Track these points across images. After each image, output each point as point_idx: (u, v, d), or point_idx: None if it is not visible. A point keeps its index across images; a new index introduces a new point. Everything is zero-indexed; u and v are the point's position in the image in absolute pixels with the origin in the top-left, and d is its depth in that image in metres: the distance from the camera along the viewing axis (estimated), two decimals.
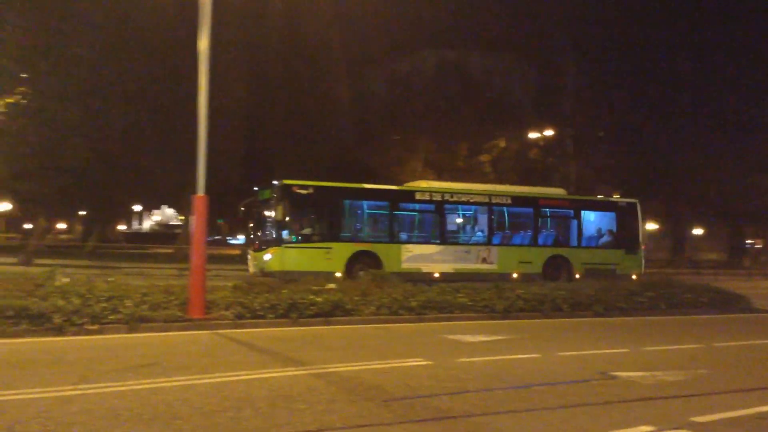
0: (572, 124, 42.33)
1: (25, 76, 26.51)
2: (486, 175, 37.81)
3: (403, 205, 20.64)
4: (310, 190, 19.25)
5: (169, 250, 39.24)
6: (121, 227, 73.36)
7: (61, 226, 58.69)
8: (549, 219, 22.21)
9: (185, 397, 5.98)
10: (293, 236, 18.60)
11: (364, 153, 38.27)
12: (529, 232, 21.63)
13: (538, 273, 20.46)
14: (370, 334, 10.57)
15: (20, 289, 10.90)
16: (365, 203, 20.49)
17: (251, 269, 19.80)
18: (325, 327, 11.09)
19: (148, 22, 28.00)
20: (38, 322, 9.42)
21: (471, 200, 21.08)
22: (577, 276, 20.64)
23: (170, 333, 10.03)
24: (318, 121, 36.32)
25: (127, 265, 25.34)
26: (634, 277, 20.88)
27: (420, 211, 21.01)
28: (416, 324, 11.76)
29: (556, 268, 20.86)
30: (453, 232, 21.40)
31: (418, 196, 20.54)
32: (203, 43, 10.76)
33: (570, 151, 42.73)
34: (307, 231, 19.09)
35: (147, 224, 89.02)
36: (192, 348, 8.92)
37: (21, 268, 22.47)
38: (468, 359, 8.23)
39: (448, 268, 19.75)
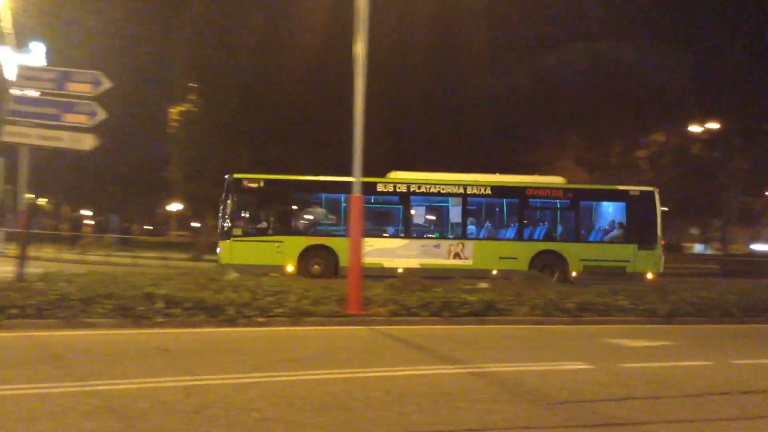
0: (740, 117, 39.27)
1: (194, 85, 28.71)
2: (643, 172, 35.99)
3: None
4: (261, 184, 19.13)
5: None
6: None
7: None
8: (538, 210, 20.21)
9: (350, 389, 6.22)
10: (242, 229, 18.64)
11: (511, 151, 37.72)
12: (513, 225, 19.94)
13: (524, 270, 18.39)
14: (524, 335, 10.43)
15: (196, 282, 11.84)
16: (320, 196, 19.86)
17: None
18: (478, 326, 11.06)
19: (300, 28, 29.29)
20: (213, 313, 10.14)
21: (442, 191, 19.60)
22: (574, 274, 18.99)
23: (330, 327, 10.42)
24: (464, 118, 36.22)
25: None
26: (649, 276, 18.93)
27: (382, 203, 19.91)
28: (572, 326, 11.43)
29: (546, 264, 18.95)
30: (420, 225, 20.21)
31: (379, 188, 19.46)
32: (360, 47, 11.09)
33: (738, 146, 39.63)
34: (257, 224, 19.11)
35: None
36: (351, 342, 9.25)
37: (193, 264, 24.36)
38: (632, 365, 7.90)
39: (414, 263, 18.62)
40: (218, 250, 19.37)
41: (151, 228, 66.15)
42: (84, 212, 61.33)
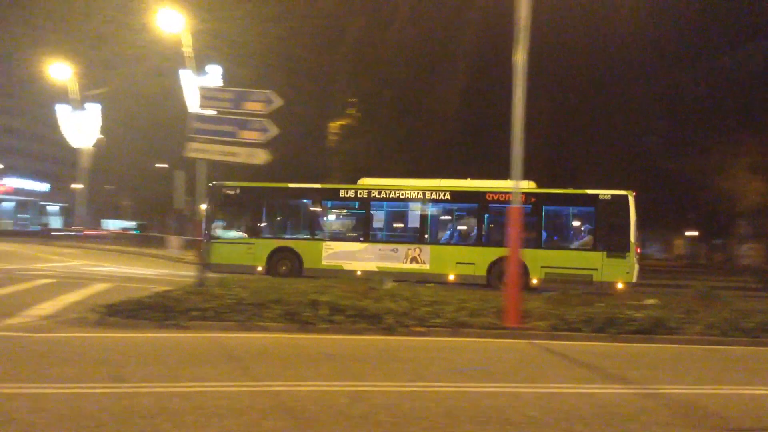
0: None
1: (353, 100, 29.77)
2: None
3: (324, 202, 20.70)
4: (237, 191, 20.50)
5: None
6: None
7: None
8: (498, 215, 18.80)
9: (513, 404, 6.15)
10: (219, 232, 20.08)
11: (677, 160, 35.45)
12: (472, 230, 19.48)
13: (482, 275, 18.24)
14: (699, 355, 9.76)
15: (357, 291, 12.21)
16: (287, 201, 21.18)
17: None
18: (646, 345, 10.48)
19: (455, 38, 29.42)
20: (373, 321, 10.42)
21: (401, 196, 19.74)
22: (535, 282, 17.86)
23: (488, 339, 10.33)
24: (625, 126, 34.57)
25: None
26: (620, 286, 17.44)
27: (342, 208, 20.69)
28: (752, 348, 10.54)
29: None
30: (379, 229, 20.15)
31: (342, 194, 20.32)
32: (519, 57, 10.98)
33: None
34: (232, 228, 20.52)
35: None
36: (511, 356, 9.13)
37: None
38: None
39: (372, 266, 18.79)
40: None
41: None
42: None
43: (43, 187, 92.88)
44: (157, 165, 60.14)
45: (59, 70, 42.82)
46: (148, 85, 44.25)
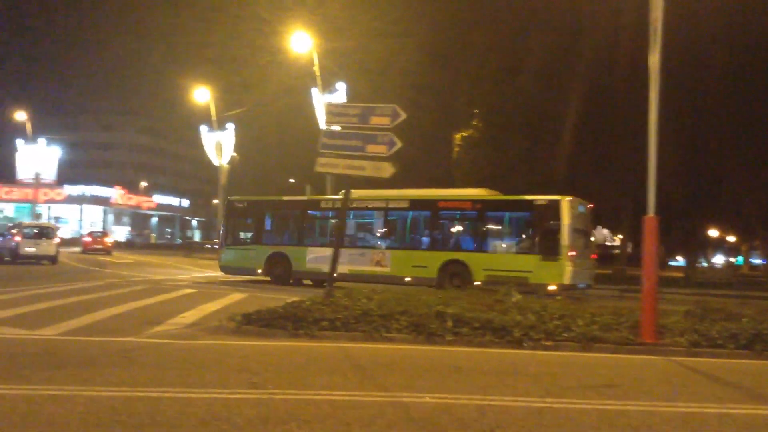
0: None
1: (476, 111, 29.64)
2: None
3: (309, 212, 23.32)
4: (244, 204, 24.43)
5: (607, 271, 39.09)
6: None
7: None
8: (447, 221, 20.99)
9: (648, 423, 5.87)
10: (231, 240, 23.81)
11: None
12: (425, 236, 21.09)
13: (433, 278, 19.58)
14: None
15: (482, 303, 12.09)
16: (280, 212, 23.98)
17: None
18: None
19: (584, 46, 28.59)
20: (500, 334, 10.27)
21: (369, 206, 21.50)
22: (478, 284, 18.53)
23: (621, 355, 9.89)
24: None
25: None
26: (552, 288, 17.89)
27: (321, 218, 23.11)
28: None
29: (454, 273, 19.47)
30: (351, 235, 21.91)
31: (322, 204, 23.19)
32: (653, 59, 10.50)
33: None
34: (240, 236, 23.99)
35: None
36: (647, 373, 8.69)
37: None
38: None
39: (344, 269, 19.52)
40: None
41: None
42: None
43: (184, 202, 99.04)
44: (289, 180, 62.60)
45: (201, 94, 45.66)
46: (280, 104, 46.24)
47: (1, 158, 75.19)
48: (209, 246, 54.33)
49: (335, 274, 16.18)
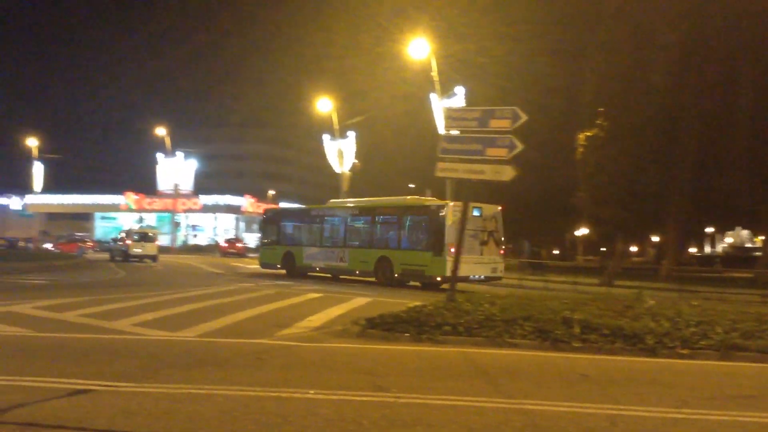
0: None
1: (602, 110, 28.60)
2: None
3: (304, 220, 29.62)
4: (271, 213, 32.71)
5: (748, 275, 36.48)
6: (692, 250, 71.69)
7: (633, 249, 60.69)
8: (379, 225, 25.55)
9: None
10: (266, 240, 30.45)
11: None
12: (367, 237, 25.81)
13: (371, 271, 24.50)
14: None
15: (612, 309, 11.66)
16: (290, 219, 30.78)
17: None
18: None
19: (719, 40, 26.93)
20: (631, 341, 9.84)
21: (335, 213, 27.57)
22: (397, 275, 23.44)
23: (765, 365, 9.22)
24: None
25: (704, 288, 24.55)
26: (438, 279, 21.99)
27: (311, 223, 28.67)
28: None
29: (383, 268, 23.97)
30: (327, 237, 27.57)
31: (312, 213, 29.34)
32: None
33: None
34: (270, 238, 30.20)
35: (719, 247, 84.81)
36: None
37: (603, 289, 24.05)
38: None
39: (323, 264, 26.73)
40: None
41: (558, 253, 67.47)
42: None
43: None
44: (409, 185, 63.15)
45: (323, 104, 47.02)
46: (399, 111, 46.78)
47: (145, 172, 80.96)
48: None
49: (317, 268, 26.05)
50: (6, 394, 6.14)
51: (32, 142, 68.97)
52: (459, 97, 30.21)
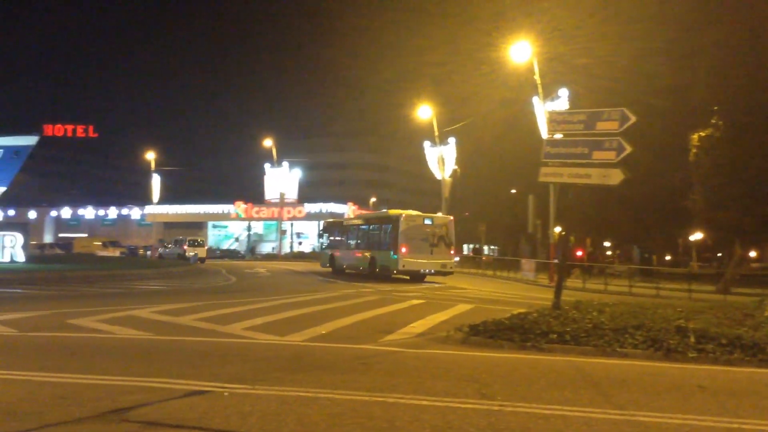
0: None
1: (716, 108, 27.15)
2: None
3: (337, 229, 37.78)
4: (325, 223, 41.03)
5: None
6: None
7: (752, 254, 57.06)
8: (369, 232, 33.35)
9: None
10: (325, 245, 38.83)
11: None
12: (363, 241, 33.79)
13: (367, 267, 31.71)
14: None
15: (729, 317, 11.04)
16: (332, 229, 38.61)
17: None
18: None
19: None
20: (751, 352, 9.30)
21: (351, 223, 37.18)
22: (378, 270, 30.45)
23: None
24: None
25: None
26: (395, 272, 29.42)
27: (341, 232, 37.03)
28: None
29: (373, 265, 31.07)
30: (346, 243, 35.70)
31: (344, 223, 38.56)
32: None
33: None
34: (324, 244, 39.17)
35: None
36: None
37: (720, 297, 22.80)
38: None
39: (346, 264, 34.61)
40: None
41: (670, 258, 64.54)
42: (605, 243, 63.52)
43: None
44: (512, 191, 62.29)
45: (423, 111, 47.19)
46: (500, 116, 46.28)
47: (253, 181, 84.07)
48: None
49: (344, 266, 35.34)
50: (129, 394, 6.54)
51: (150, 156, 73.08)
52: (562, 100, 29.55)
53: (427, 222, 29.74)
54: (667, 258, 64.06)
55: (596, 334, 10.20)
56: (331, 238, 37.96)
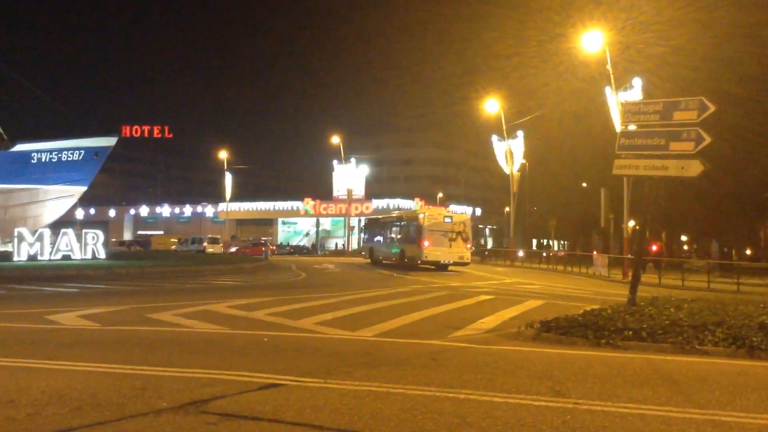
0: None
1: None
2: None
3: (375, 225, 44.06)
4: (366, 221, 48.86)
5: None
6: None
7: None
8: (399, 228, 38.92)
9: None
10: (365, 241, 47.97)
11: None
12: (393, 237, 39.54)
13: (397, 260, 36.92)
14: None
15: None
16: (371, 225, 45.46)
17: None
18: None
19: None
20: None
21: (386, 221, 42.00)
22: (406, 261, 35.27)
23: None
24: None
25: None
26: (419, 261, 34.04)
27: (378, 228, 42.80)
28: None
29: (400, 257, 36.48)
30: (386, 237, 40.73)
31: (380, 220, 43.71)
32: None
33: None
34: (365, 239, 47.65)
35: None
36: None
37: None
38: None
39: (382, 255, 39.98)
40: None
41: (751, 253, 61.89)
42: (682, 238, 61.37)
43: (477, 211, 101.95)
44: (582, 185, 60.97)
45: (490, 105, 46.69)
46: (570, 108, 45.32)
47: (321, 178, 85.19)
48: (505, 253, 55.08)
49: (380, 257, 40.67)
50: (207, 387, 6.73)
51: (223, 155, 74.97)
52: (636, 90, 28.68)
53: (447, 220, 35.01)
54: (748, 252, 61.45)
55: (674, 331, 9.87)
56: (369, 233, 45.45)
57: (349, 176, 76.29)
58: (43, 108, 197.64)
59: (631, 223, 34.66)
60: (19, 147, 41.05)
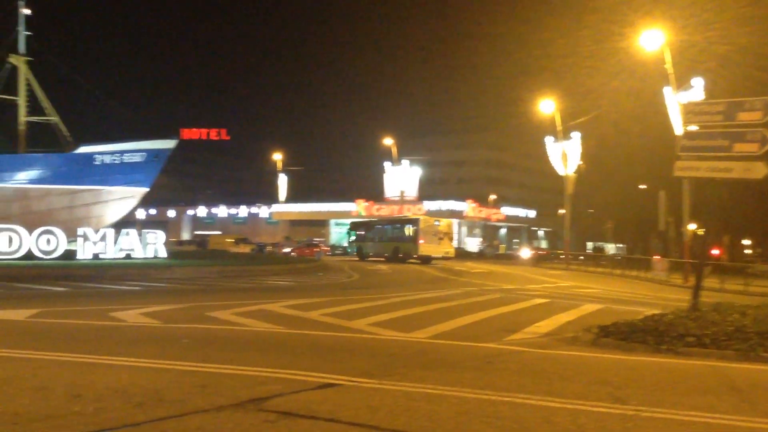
0: None
1: None
2: None
3: (362, 228, 54.23)
4: (351, 225, 59.81)
5: None
6: None
7: None
8: (394, 229, 49.15)
9: None
10: (353, 240, 55.08)
11: None
12: (389, 235, 49.33)
13: (389, 255, 46.94)
14: None
15: None
16: (358, 228, 54.96)
17: None
18: None
19: None
20: None
21: (374, 224, 54.05)
22: (400, 255, 45.67)
23: None
24: None
25: None
26: (414, 256, 44.97)
27: (365, 229, 53.09)
28: None
29: (395, 253, 46.31)
30: (370, 237, 51.33)
31: (370, 222, 55.53)
32: None
33: None
34: (352, 239, 55.03)
35: None
36: None
37: None
38: None
39: (372, 252, 49.45)
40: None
41: None
42: (745, 242, 59.41)
43: (531, 213, 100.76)
44: (640, 186, 59.61)
45: (545, 105, 46.09)
46: (627, 108, 44.38)
47: (374, 180, 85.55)
48: (561, 256, 54.23)
49: (371, 254, 51.21)
50: (266, 385, 6.84)
51: (277, 157, 76.03)
52: (697, 90, 27.87)
53: (437, 223, 46.84)
54: None
55: (739, 337, 9.55)
56: (357, 233, 53.87)
57: (402, 177, 76.46)
58: (106, 111, 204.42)
59: (692, 226, 33.72)
60: (83, 149, 42.55)
